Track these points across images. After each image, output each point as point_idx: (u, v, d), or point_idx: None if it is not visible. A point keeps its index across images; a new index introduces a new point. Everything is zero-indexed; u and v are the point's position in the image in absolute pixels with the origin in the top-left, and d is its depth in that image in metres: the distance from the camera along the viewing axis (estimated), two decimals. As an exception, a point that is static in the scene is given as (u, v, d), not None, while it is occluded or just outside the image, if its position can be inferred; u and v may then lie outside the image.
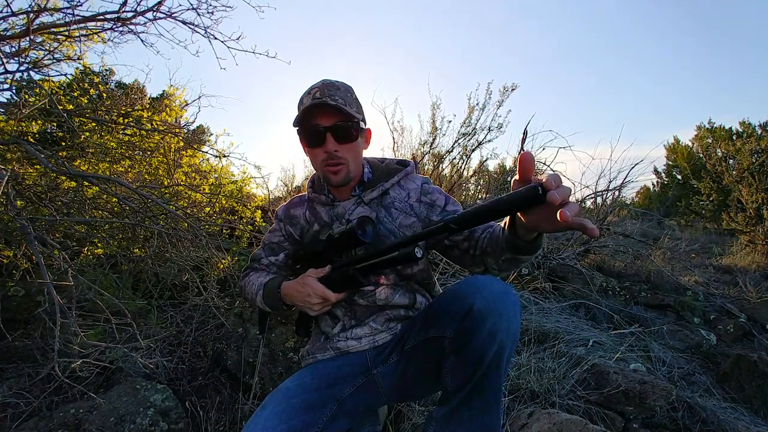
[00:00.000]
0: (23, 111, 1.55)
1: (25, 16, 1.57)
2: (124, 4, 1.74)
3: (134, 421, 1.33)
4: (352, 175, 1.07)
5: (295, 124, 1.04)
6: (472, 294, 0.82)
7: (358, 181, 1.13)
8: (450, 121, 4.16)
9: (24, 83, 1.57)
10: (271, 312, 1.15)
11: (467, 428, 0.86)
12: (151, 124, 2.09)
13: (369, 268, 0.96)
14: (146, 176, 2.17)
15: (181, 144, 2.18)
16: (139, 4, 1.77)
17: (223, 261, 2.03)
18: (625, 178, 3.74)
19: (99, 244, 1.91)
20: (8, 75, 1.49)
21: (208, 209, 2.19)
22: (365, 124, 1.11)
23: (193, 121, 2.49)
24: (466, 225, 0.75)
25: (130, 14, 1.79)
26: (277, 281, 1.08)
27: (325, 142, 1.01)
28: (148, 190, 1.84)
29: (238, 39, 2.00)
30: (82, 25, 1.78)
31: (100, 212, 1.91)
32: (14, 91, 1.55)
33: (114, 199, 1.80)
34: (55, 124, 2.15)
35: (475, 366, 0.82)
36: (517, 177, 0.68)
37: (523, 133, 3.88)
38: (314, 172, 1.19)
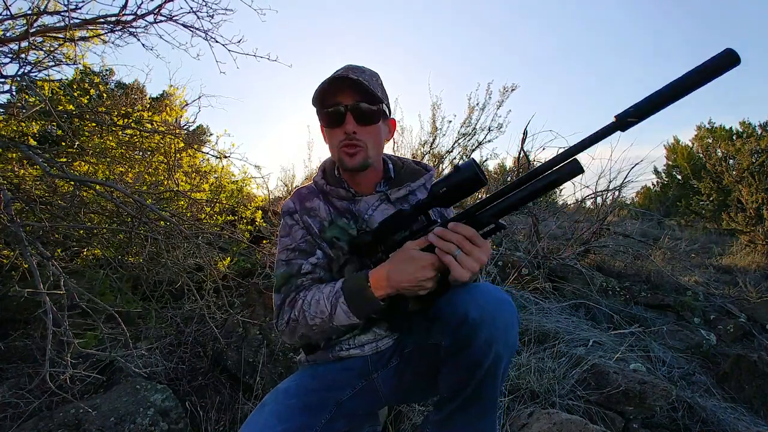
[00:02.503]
0: (20, 115, 1.55)
1: (24, 18, 1.57)
2: (125, 7, 1.74)
3: (134, 421, 1.33)
4: (370, 161, 0.98)
5: (313, 102, 0.96)
6: (468, 302, 0.80)
7: (382, 176, 1.06)
8: (450, 122, 4.18)
9: (24, 84, 1.57)
10: (350, 326, 0.90)
11: None
12: (152, 125, 2.09)
13: (506, 209, 0.77)
14: (146, 176, 2.17)
15: (181, 145, 2.19)
16: (139, 7, 1.78)
17: (223, 262, 2.03)
18: (625, 178, 3.74)
19: (97, 246, 1.91)
20: (8, 77, 1.49)
21: (208, 209, 2.19)
22: (390, 112, 1.03)
23: (194, 121, 2.50)
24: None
25: (130, 17, 1.79)
26: (361, 276, 0.87)
27: (344, 122, 0.93)
28: (145, 195, 1.84)
29: (239, 42, 2.00)
30: (82, 27, 1.79)
31: (97, 216, 1.91)
32: (14, 92, 1.56)
33: (111, 204, 1.79)
34: (55, 125, 2.15)
35: (471, 375, 0.81)
36: None
37: (523, 133, 3.88)
38: (314, 169, 1.16)
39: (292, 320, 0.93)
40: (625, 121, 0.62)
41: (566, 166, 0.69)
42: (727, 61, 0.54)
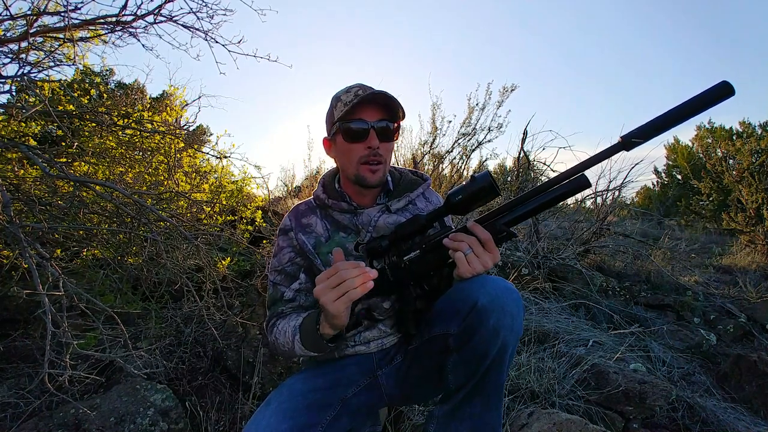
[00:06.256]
0: (20, 115, 1.55)
1: (24, 18, 1.57)
2: (124, 7, 1.74)
3: (134, 421, 1.33)
4: (386, 177, 1.03)
5: (340, 118, 0.97)
6: (477, 291, 0.82)
7: (382, 188, 1.09)
8: (450, 122, 4.18)
9: (24, 84, 1.58)
10: (318, 355, 0.93)
11: (468, 426, 0.86)
12: (152, 125, 2.09)
13: (519, 218, 0.84)
14: (146, 177, 2.17)
15: (181, 145, 2.19)
16: (139, 8, 1.77)
17: (223, 263, 2.02)
18: (625, 178, 3.75)
19: (96, 247, 1.90)
20: (8, 78, 1.49)
21: (208, 209, 2.19)
22: None
23: (194, 121, 2.50)
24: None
25: (130, 18, 1.79)
26: (315, 315, 0.89)
27: (368, 137, 0.96)
28: (145, 195, 1.83)
29: (239, 43, 2.00)
30: (82, 27, 1.79)
31: (97, 216, 1.91)
32: (14, 92, 1.56)
33: (111, 204, 1.79)
34: (55, 125, 2.15)
35: (479, 362, 0.82)
36: None
37: (523, 133, 3.88)
38: (314, 173, 1.18)
39: (271, 343, 1.02)
40: (630, 141, 0.69)
41: (575, 180, 0.76)
42: (723, 92, 0.62)
